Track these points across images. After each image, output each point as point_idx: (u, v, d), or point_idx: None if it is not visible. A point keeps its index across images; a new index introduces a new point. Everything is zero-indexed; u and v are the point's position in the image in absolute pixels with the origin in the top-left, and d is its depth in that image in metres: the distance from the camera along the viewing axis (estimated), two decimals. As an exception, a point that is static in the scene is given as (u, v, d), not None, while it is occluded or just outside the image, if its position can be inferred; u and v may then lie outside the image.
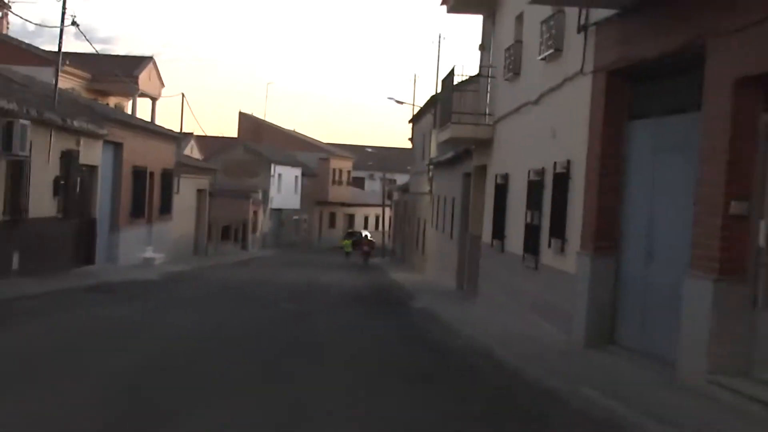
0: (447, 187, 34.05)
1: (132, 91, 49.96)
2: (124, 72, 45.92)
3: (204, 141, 66.75)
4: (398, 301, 25.05)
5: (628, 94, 13.43)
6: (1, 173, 20.96)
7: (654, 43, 11.90)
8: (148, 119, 47.95)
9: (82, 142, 26.31)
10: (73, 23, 25.60)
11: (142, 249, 34.32)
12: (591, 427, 8.96)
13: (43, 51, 43.36)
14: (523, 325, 16.66)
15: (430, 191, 40.98)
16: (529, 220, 17.66)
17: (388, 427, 8.52)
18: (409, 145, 57.27)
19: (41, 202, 23.51)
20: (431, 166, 40.06)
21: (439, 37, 76.42)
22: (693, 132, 11.06)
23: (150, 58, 53.42)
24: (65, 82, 40.70)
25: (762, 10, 9.37)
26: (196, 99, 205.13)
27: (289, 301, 22.67)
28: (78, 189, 26.43)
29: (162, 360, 11.70)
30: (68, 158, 25.28)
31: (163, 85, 55.67)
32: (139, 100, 52.34)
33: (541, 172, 16.85)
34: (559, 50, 16.06)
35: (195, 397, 9.26)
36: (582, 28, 14.52)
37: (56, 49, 26.61)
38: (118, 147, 31.22)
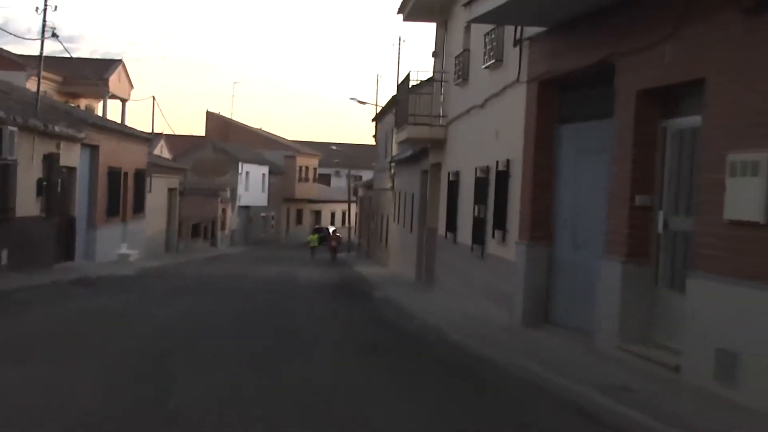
0: (407, 184, 35.70)
1: (103, 93, 51.23)
2: (94, 74, 47.28)
3: (173, 140, 67.77)
4: (362, 292, 26.66)
5: (557, 101, 15.16)
6: (-10, 177, 22.56)
7: (575, 58, 13.70)
8: (119, 120, 49.32)
9: (62, 145, 27.85)
10: (54, 35, 27.18)
11: (118, 246, 35.77)
12: (511, 383, 10.74)
13: (15, 55, 44.61)
14: (472, 308, 18.43)
15: (392, 187, 42.48)
16: (476, 213, 19.47)
17: (352, 382, 10.35)
18: (374, 141, 58.75)
19: (26, 202, 25.01)
20: (393, 164, 41.59)
21: (399, 39, 78.15)
22: (609, 135, 12.84)
23: (119, 61, 54.67)
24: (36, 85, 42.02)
25: (657, 34, 11.16)
26: (162, 97, 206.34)
27: (265, 293, 24.32)
28: (59, 189, 27.93)
29: (159, 340, 13.43)
30: (50, 161, 26.80)
31: (132, 87, 56.89)
32: (109, 102, 53.65)
33: (486, 170, 18.67)
34: (499, 60, 17.85)
35: (193, 368, 10.97)
36: (517, 42, 16.32)
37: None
38: (94, 149, 32.75)
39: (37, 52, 40.03)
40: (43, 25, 26.66)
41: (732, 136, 9.46)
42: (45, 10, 26.29)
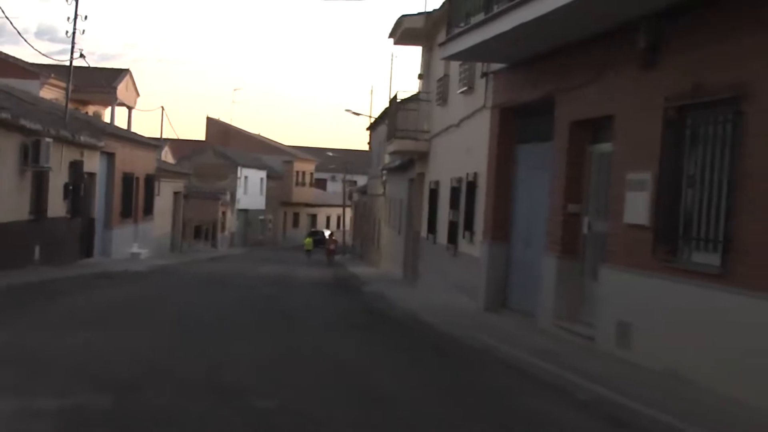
0: (397, 190, 38.61)
1: (111, 100, 53.98)
2: (103, 83, 50.05)
3: (175, 144, 70.10)
4: (353, 287, 29.67)
5: (515, 125, 18.15)
6: (28, 181, 25.56)
7: (528, 91, 16.75)
8: (125, 126, 52.12)
9: (85, 153, 30.92)
10: (81, 56, 30.29)
11: (130, 245, 38.64)
12: (468, 351, 13.74)
13: (28, 64, 47.22)
14: (446, 299, 21.46)
15: (384, 193, 45.17)
16: (451, 217, 22.57)
17: (339, 347, 13.37)
18: (368, 148, 61.26)
19: (55, 205, 27.96)
20: (384, 171, 44.25)
21: (392, 56, 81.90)
22: (552, 155, 15.87)
23: (127, 71, 57.14)
24: (49, 93, 44.57)
25: (583, 78, 14.21)
26: (160, 99, 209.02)
27: (269, 287, 27.24)
28: (81, 193, 30.83)
29: (181, 319, 16.54)
30: (75, 167, 29.80)
31: (138, 95, 59.44)
32: (116, 109, 56.30)
33: (459, 181, 21.75)
34: (471, 88, 20.94)
35: (211, 341, 14.03)
36: (484, 74, 19.40)
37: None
38: (111, 156, 35.68)
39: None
40: (72, 47, 29.79)
41: (630, 160, 12.52)
42: (74, 34, 29.42)
